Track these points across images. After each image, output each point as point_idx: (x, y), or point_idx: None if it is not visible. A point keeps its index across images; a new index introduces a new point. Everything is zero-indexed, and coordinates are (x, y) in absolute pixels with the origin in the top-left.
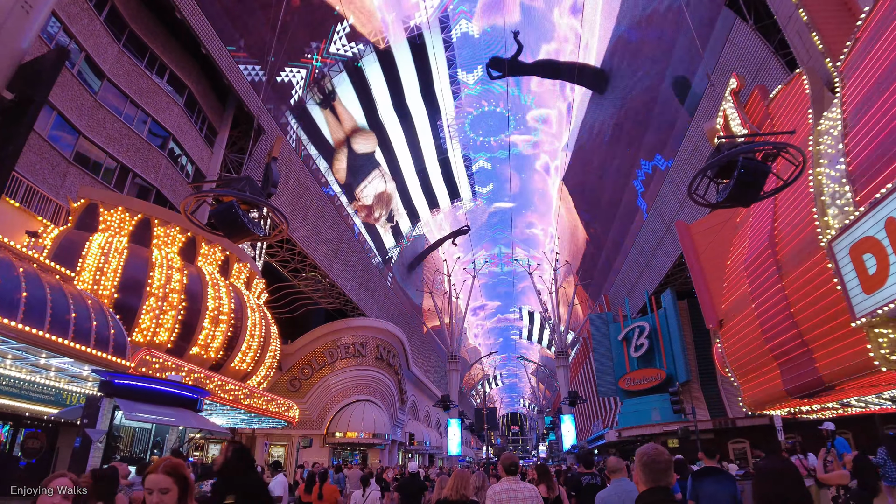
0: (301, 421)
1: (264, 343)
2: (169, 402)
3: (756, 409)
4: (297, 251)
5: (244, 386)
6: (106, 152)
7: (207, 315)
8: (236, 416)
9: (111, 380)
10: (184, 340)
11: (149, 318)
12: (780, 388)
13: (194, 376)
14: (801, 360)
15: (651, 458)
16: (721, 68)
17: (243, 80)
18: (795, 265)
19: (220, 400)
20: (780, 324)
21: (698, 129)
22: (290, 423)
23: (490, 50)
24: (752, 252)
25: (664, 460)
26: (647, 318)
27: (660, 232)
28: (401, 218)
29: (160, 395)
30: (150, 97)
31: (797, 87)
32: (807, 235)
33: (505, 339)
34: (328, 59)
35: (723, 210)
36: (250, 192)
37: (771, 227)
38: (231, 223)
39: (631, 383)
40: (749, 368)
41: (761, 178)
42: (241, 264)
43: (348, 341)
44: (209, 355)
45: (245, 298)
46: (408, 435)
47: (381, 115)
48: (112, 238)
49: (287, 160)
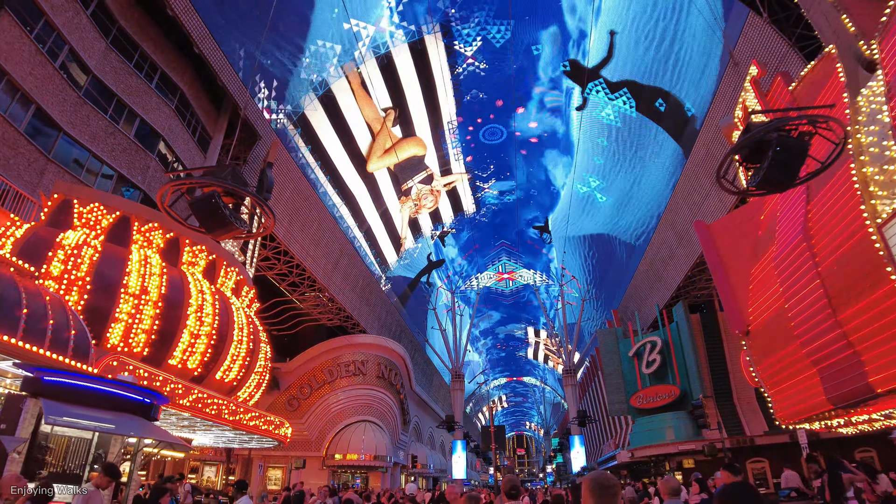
0: (299, 442)
1: (252, 355)
2: (114, 406)
3: (790, 423)
4: (296, 263)
5: (229, 400)
6: (89, 150)
7: (188, 322)
8: (221, 433)
9: (39, 376)
10: (161, 349)
11: (122, 323)
12: (820, 396)
13: (170, 387)
14: (846, 364)
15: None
16: (734, 63)
17: (238, 82)
18: (836, 257)
19: (201, 414)
20: (820, 324)
21: (709, 131)
22: (281, 442)
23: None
24: (782, 248)
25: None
26: (658, 332)
27: (671, 242)
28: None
29: (103, 397)
30: (140, 97)
31: (827, 65)
32: (850, 222)
33: (511, 359)
34: (328, 64)
35: (746, 207)
36: (233, 182)
37: (804, 217)
38: (211, 215)
39: (643, 401)
40: (782, 377)
41: (799, 158)
42: (229, 269)
43: (349, 359)
44: (190, 366)
45: (232, 306)
46: (410, 457)
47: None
48: (86, 236)
49: (284, 168)
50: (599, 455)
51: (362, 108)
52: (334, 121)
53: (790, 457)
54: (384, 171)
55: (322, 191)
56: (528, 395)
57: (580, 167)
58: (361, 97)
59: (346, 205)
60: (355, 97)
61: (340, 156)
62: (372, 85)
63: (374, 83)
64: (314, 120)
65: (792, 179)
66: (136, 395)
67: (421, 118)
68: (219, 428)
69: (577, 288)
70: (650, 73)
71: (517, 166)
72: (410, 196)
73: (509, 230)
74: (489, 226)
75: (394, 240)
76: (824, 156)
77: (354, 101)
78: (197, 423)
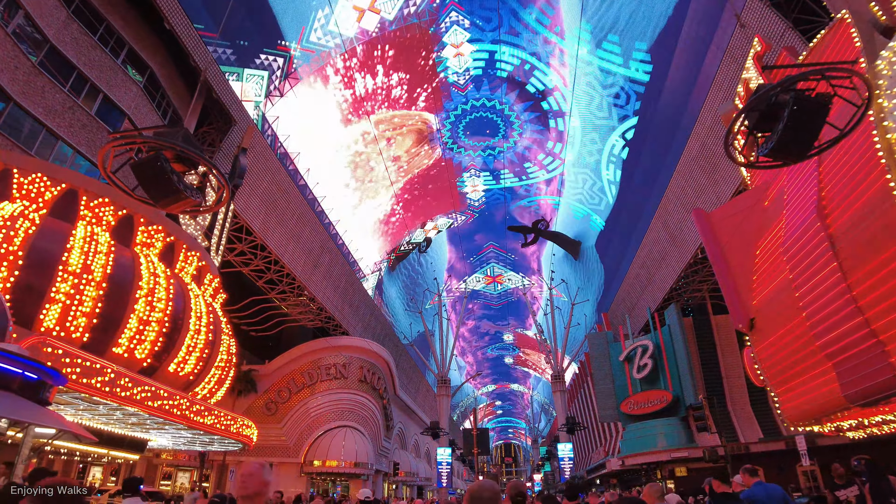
0: (277, 447)
1: (212, 348)
2: None
3: (799, 424)
4: (273, 259)
5: (181, 395)
6: (43, 124)
7: (137, 307)
8: (177, 433)
9: None
10: (105, 335)
11: (58, 305)
12: (836, 394)
13: (124, 381)
14: (868, 356)
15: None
16: (731, 52)
17: (213, 63)
18: (857, 237)
19: (146, 409)
20: (837, 312)
21: (704, 125)
22: (245, 444)
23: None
24: (792, 232)
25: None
26: (650, 336)
27: (664, 242)
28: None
29: None
30: (104, 72)
31: (839, 32)
32: (872, 195)
33: (499, 365)
34: (308, 49)
35: (748, 193)
36: (184, 144)
37: (817, 196)
38: (156, 180)
39: (634, 407)
40: (791, 374)
41: (818, 118)
42: (189, 254)
43: (330, 362)
44: (138, 356)
45: (191, 293)
46: (392, 464)
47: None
48: (25, 209)
49: (261, 157)
50: (589, 463)
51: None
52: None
53: (786, 464)
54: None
55: (302, 183)
56: (516, 402)
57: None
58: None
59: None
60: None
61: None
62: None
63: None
64: (292, 109)
65: (809, 145)
66: (18, 368)
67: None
68: (173, 426)
69: (567, 291)
70: None
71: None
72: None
73: (499, 231)
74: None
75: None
76: (840, 126)
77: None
78: (147, 419)
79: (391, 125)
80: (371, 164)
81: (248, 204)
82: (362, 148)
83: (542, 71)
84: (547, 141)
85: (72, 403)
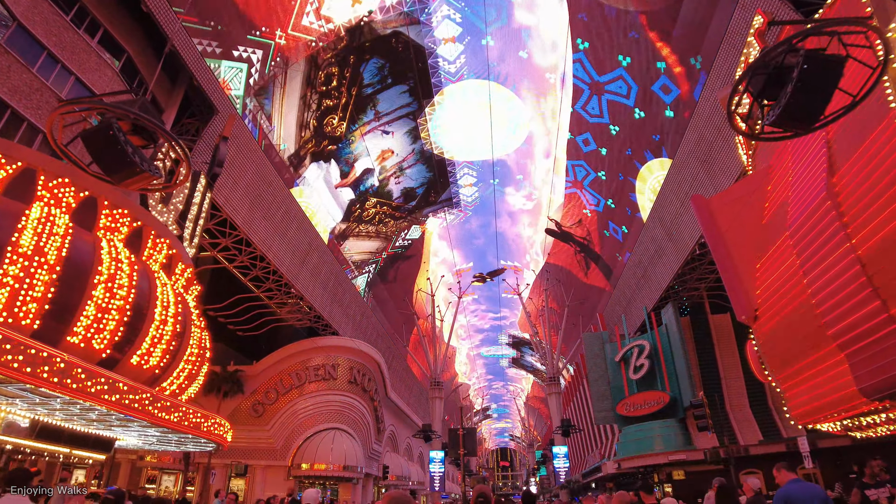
0: (264, 450)
1: (181, 340)
2: None
3: (808, 422)
4: (259, 255)
5: (144, 389)
6: (8, 104)
7: (96, 293)
8: (143, 431)
9: None
10: (59, 323)
11: (6, 289)
12: (849, 387)
13: (77, 372)
14: (885, 344)
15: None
16: (729, 38)
17: (193, 48)
18: (874, 214)
19: (103, 402)
20: (851, 297)
21: (702, 115)
22: (219, 444)
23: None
24: (799, 213)
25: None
26: (646, 336)
27: (660, 239)
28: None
29: None
30: (76, 54)
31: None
32: (890, 168)
33: (494, 368)
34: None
35: (750, 177)
36: (142, 113)
37: (826, 173)
38: (109, 152)
39: (630, 408)
40: (799, 367)
41: (832, 77)
42: (158, 241)
43: (318, 363)
44: (96, 346)
45: (157, 281)
46: (382, 467)
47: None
48: None
49: (245, 148)
50: (584, 466)
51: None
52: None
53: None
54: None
55: (288, 177)
56: (511, 404)
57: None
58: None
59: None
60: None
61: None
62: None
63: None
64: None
65: (821, 109)
66: None
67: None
68: (138, 423)
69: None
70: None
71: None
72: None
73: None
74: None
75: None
76: (853, 94)
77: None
78: (108, 416)
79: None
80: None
81: (231, 196)
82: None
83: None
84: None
85: (20, 396)
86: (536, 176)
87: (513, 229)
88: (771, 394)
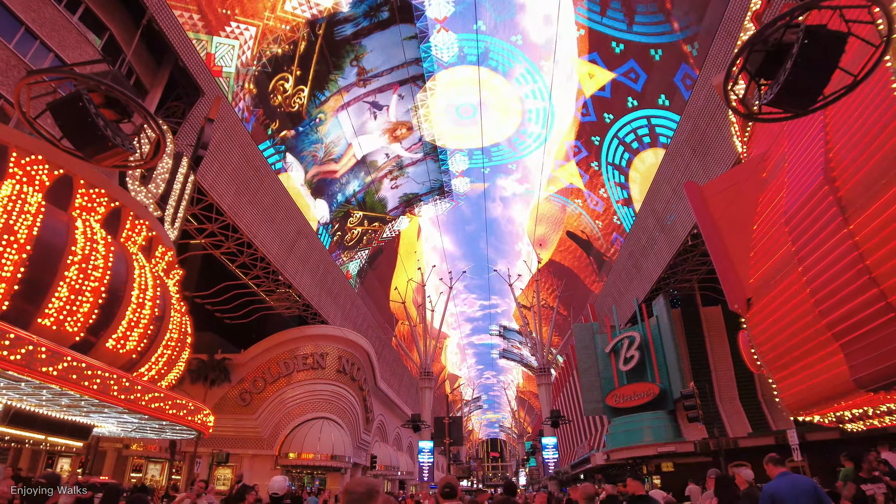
0: (251, 439)
1: (160, 324)
2: None
3: (800, 413)
4: (246, 241)
5: (118, 373)
6: None
7: (68, 274)
8: (120, 417)
9: None
10: (29, 304)
11: None
12: (844, 377)
13: (44, 354)
14: (881, 333)
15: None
16: (725, 26)
17: (178, 27)
18: (873, 199)
19: (74, 387)
20: (848, 285)
21: (697, 103)
22: (200, 431)
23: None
24: (794, 199)
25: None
26: (636, 327)
27: (652, 230)
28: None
29: None
30: (56, 31)
31: None
32: (889, 152)
33: (485, 359)
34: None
35: (744, 165)
36: (114, 84)
37: (823, 158)
38: (78, 124)
39: (620, 400)
40: (793, 357)
41: (834, 52)
42: (137, 222)
43: (307, 351)
44: (68, 328)
45: (135, 263)
46: (370, 457)
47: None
48: None
49: (231, 132)
50: (574, 457)
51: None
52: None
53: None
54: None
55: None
56: (502, 395)
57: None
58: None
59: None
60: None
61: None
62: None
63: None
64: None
65: (822, 87)
66: None
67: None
68: (113, 409)
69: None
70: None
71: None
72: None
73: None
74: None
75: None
76: (854, 74)
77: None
78: (81, 401)
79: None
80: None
81: (216, 180)
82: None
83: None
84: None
85: None
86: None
87: (505, 213)
88: (761, 386)
